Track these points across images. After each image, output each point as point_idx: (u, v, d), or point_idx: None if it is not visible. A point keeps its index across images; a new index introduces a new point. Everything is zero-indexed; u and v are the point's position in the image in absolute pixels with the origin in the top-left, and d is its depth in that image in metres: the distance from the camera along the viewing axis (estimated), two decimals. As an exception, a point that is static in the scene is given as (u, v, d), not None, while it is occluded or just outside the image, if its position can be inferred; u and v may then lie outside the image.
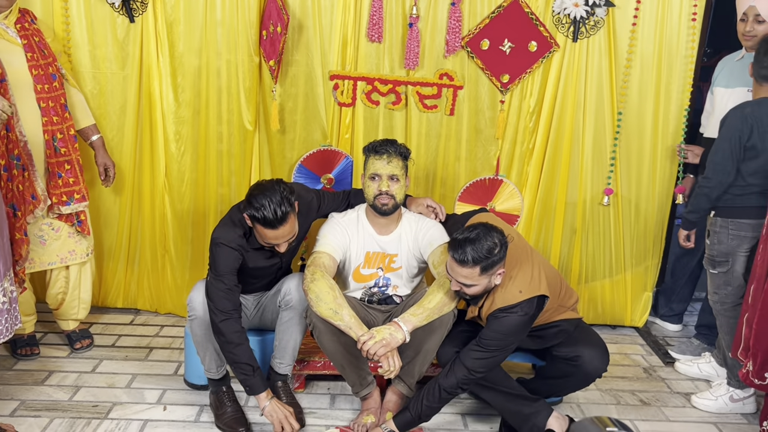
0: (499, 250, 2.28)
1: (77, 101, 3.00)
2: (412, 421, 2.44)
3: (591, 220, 3.48)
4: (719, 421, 2.85)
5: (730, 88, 3.13)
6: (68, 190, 2.86)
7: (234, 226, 2.52)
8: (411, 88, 3.20)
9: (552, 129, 3.32)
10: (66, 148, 2.83)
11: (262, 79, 3.19)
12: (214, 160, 3.26)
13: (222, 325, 2.44)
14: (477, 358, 2.37)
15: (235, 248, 2.48)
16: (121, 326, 3.42)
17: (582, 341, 2.55)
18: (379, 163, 2.61)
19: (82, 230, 2.95)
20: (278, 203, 2.35)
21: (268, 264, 2.64)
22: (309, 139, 3.25)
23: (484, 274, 2.29)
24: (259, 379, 2.49)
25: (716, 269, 2.85)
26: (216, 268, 2.48)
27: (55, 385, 2.82)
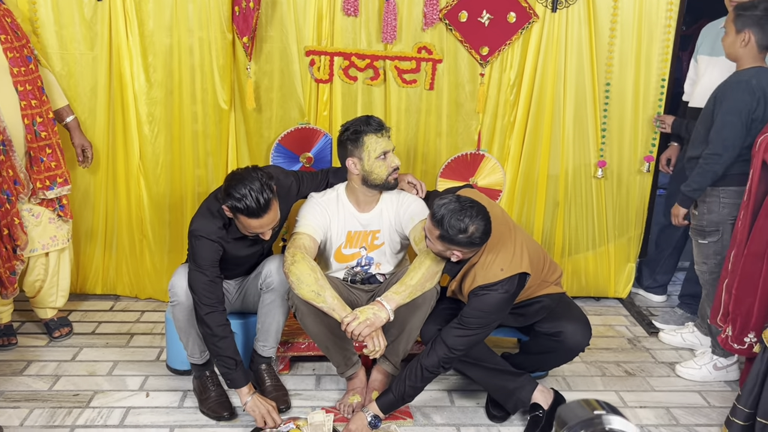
0: (466, 240, 2.24)
1: (50, 82, 2.91)
2: (395, 402, 2.42)
3: (573, 192, 3.46)
4: (703, 389, 2.87)
5: (715, 56, 3.11)
6: (51, 175, 2.80)
7: (213, 217, 2.45)
8: (389, 63, 3.14)
9: (533, 101, 3.28)
10: (46, 132, 2.76)
11: (236, 56, 3.11)
12: (190, 141, 3.19)
13: (207, 318, 2.40)
14: (458, 336, 2.35)
15: (215, 240, 2.43)
16: (101, 313, 3.36)
17: (564, 316, 2.54)
18: (383, 140, 2.55)
19: (64, 214, 2.90)
20: (259, 191, 2.29)
21: (249, 252, 2.60)
22: (286, 117, 3.18)
23: (441, 242, 2.29)
24: (241, 374, 2.46)
25: (706, 239, 2.84)
26: (196, 260, 2.42)
27: (34, 375, 2.77)
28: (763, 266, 2.38)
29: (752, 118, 2.63)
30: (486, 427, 2.56)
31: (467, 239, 2.24)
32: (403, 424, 2.53)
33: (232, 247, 2.50)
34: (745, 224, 2.51)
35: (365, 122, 2.56)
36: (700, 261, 2.91)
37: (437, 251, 2.37)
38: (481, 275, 2.35)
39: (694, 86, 3.24)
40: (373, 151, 2.54)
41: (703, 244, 2.86)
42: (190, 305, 2.46)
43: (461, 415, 2.63)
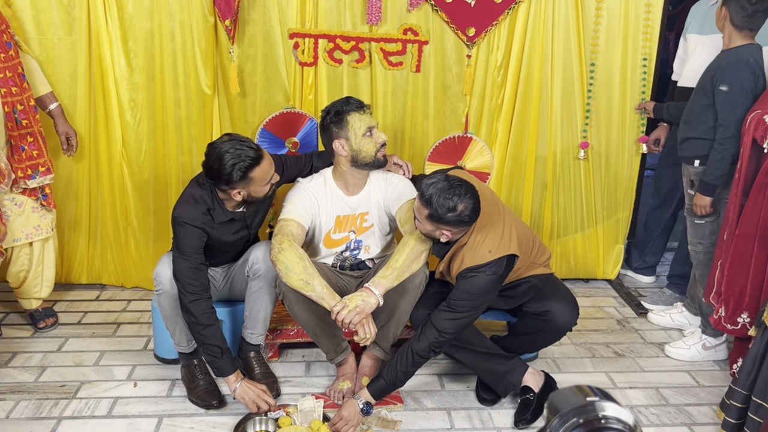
0: (455, 219, 2.23)
1: (32, 68, 2.85)
2: (387, 387, 2.40)
3: (562, 174, 3.44)
4: (692, 369, 2.88)
5: (704, 35, 3.09)
6: (33, 164, 2.74)
7: (196, 203, 2.42)
8: (375, 45, 3.10)
9: (520, 83, 3.25)
10: (28, 120, 2.70)
11: (218, 40, 3.05)
12: (173, 127, 3.14)
13: (191, 306, 2.37)
14: (447, 319, 2.34)
15: (198, 227, 2.40)
16: (87, 302, 3.32)
17: (551, 296, 2.53)
18: (366, 117, 2.53)
19: (47, 204, 2.85)
20: (239, 144, 2.34)
21: (235, 238, 2.57)
22: (271, 101, 3.13)
23: (430, 221, 2.28)
24: (228, 361, 2.43)
25: (703, 219, 2.83)
26: (180, 247, 2.39)
27: (19, 367, 2.73)
28: (754, 247, 2.37)
29: (753, 96, 2.62)
30: (476, 410, 2.56)
31: (456, 218, 2.22)
32: (393, 409, 2.53)
33: (217, 233, 2.46)
34: (736, 204, 2.51)
35: (345, 102, 2.54)
36: (695, 241, 2.90)
37: (426, 231, 2.36)
38: (470, 257, 2.33)
39: (684, 65, 3.22)
40: (358, 129, 2.51)
41: (699, 224, 2.85)
42: (176, 294, 2.43)
43: (451, 399, 2.62)
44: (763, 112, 2.40)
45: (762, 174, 2.36)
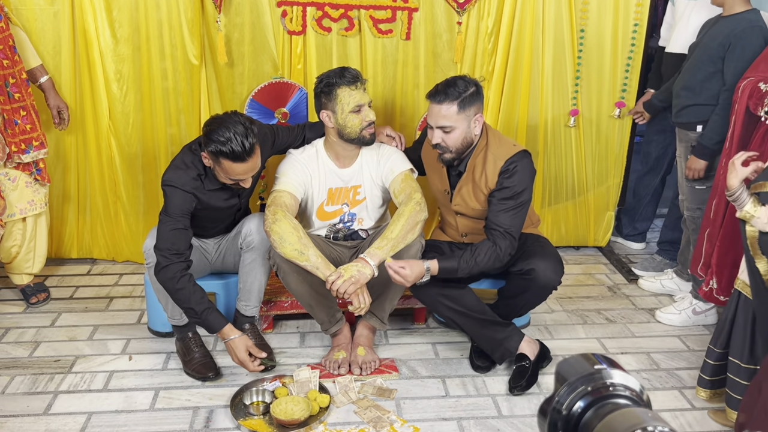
0: (474, 90, 2.39)
1: (21, 40, 2.80)
2: (453, 270, 2.39)
3: (553, 142, 3.44)
4: (683, 333, 2.92)
5: (694, 0, 3.06)
6: (26, 138, 2.71)
7: (186, 168, 2.38)
8: (364, 12, 3.05)
9: (511, 50, 3.23)
10: (20, 93, 2.65)
11: (204, 9, 2.99)
12: (160, 98, 3.09)
13: (162, 273, 2.31)
14: (511, 216, 2.40)
15: (188, 191, 2.35)
16: (78, 277, 3.31)
17: (535, 254, 2.52)
18: (357, 93, 2.48)
19: (42, 179, 2.82)
20: (243, 135, 2.22)
21: (226, 205, 2.53)
22: (259, 71, 3.09)
23: (461, 112, 2.36)
24: (213, 317, 2.36)
25: (704, 185, 2.83)
26: (167, 209, 2.35)
27: (13, 342, 2.72)
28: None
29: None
30: (470, 377, 2.58)
31: (477, 89, 2.40)
32: (389, 377, 2.55)
33: (208, 198, 2.42)
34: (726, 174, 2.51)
35: (339, 74, 2.49)
36: (694, 207, 2.91)
37: (462, 135, 2.41)
38: (496, 152, 2.44)
39: (671, 30, 3.20)
40: (346, 105, 2.48)
41: (701, 189, 2.85)
42: None
43: (446, 367, 2.65)
44: (756, 79, 2.38)
45: (755, 143, 2.36)
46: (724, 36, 2.67)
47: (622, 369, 0.71)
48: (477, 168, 2.48)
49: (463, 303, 2.51)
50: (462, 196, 2.54)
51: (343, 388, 2.46)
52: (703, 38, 2.77)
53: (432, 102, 2.40)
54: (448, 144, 2.42)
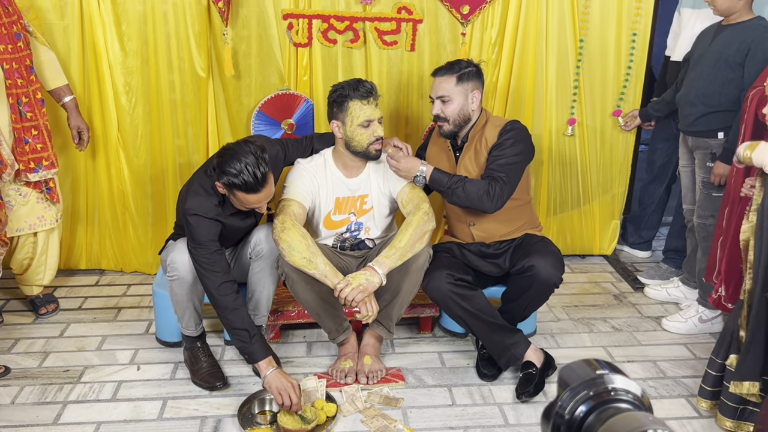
0: (474, 70, 2.59)
1: (47, 60, 2.81)
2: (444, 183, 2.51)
3: (557, 151, 3.46)
4: (689, 341, 2.92)
5: (697, 9, 3.09)
6: (36, 157, 2.72)
7: (207, 194, 2.37)
8: (369, 24, 3.08)
9: (515, 60, 3.25)
10: (32, 113, 2.67)
11: (211, 22, 3.03)
12: (168, 110, 3.13)
13: (220, 289, 2.34)
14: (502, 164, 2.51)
15: (212, 218, 2.36)
16: (87, 288, 3.34)
17: (535, 252, 2.55)
18: (368, 108, 2.50)
19: (51, 198, 2.83)
20: (255, 165, 2.23)
21: (244, 225, 2.57)
22: (266, 83, 3.12)
23: (459, 85, 2.56)
24: (259, 346, 2.37)
25: (721, 192, 2.81)
26: (196, 239, 2.35)
27: (22, 353, 2.75)
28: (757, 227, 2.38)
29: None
30: (477, 386, 2.59)
31: (477, 70, 2.60)
32: (395, 387, 2.56)
33: (229, 222, 2.46)
34: (738, 181, 2.51)
35: (353, 86, 2.51)
36: (708, 214, 2.89)
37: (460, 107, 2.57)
38: (496, 122, 2.63)
39: (677, 39, 3.22)
40: (356, 118, 2.50)
41: (717, 197, 2.82)
42: (191, 280, 2.43)
43: (452, 375, 2.65)
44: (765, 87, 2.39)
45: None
46: (741, 42, 2.68)
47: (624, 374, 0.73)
48: (478, 139, 2.63)
49: (474, 304, 2.53)
50: (466, 167, 2.64)
51: (350, 397, 2.47)
52: (712, 46, 2.78)
53: (435, 76, 2.62)
54: (446, 114, 2.59)
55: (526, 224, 2.72)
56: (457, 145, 2.70)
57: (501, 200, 2.49)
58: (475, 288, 2.58)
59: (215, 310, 2.40)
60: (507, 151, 2.54)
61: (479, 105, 2.64)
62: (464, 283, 2.55)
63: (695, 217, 3.00)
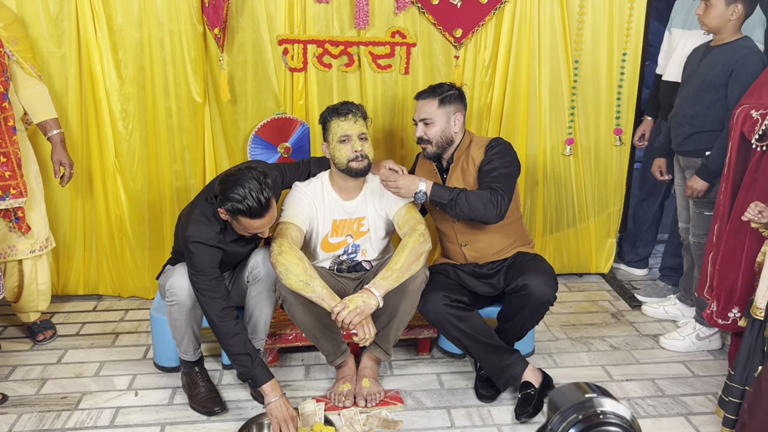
0: (456, 93, 2.64)
1: (35, 93, 2.81)
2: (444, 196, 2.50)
3: (552, 170, 3.48)
4: (687, 359, 2.92)
5: (688, 30, 3.13)
6: (3, 185, 2.67)
7: (209, 222, 2.39)
8: (363, 49, 3.12)
9: (508, 81, 3.29)
10: (2, 140, 2.65)
11: (207, 48, 3.07)
12: (165, 136, 3.15)
13: (221, 314, 2.35)
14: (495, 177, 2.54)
15: (214, 246, 2.38)
16: (84, 313, 3.33)
17: (528, 271, 2.56)
18: (346, 124, 2.54)
19: (19, 227, 2.77)
20: (259, 191, 2.24)
21: (245, 250, 2.59)
22: (262, 107, 3.15)
23: (441, 108, 2.60)
24: (261, 369, 2.38)
25: (712, 210, 2.83)
26: (197, 266, 2.36)
27: (20, 380, 2.74)
28: (745, 241, 2.40)
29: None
30: (476, 407, 2.58)
31: (459, 93, 2.66)
32: (394, 409, 2.55)
33: (230, 249, 2.47)
34: (726, 197, 2.53)
35: (335, 107, 2.59)
36: (702, 233, 2.90)
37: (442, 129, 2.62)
38: (480, 142, 2.68)
39: (668, 59, 3.26)
40: (335, 135, 2.56)
41: (709, 215, 2.83)
42: (190, 305, 2.44)
43: (451, 397, 2.65)
44: (750, 106, 2.43)
45: (751, 169, 2.39)
46: (725, 63, 2.72)
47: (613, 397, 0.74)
48: (463, 159, 2.67)
49: (470, 325, 2.53)
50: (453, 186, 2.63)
51: (349, 421, 2.46)
52: (699, 67, 2.82)
53: (418, 99, 2.68)
54: (429, 136, 2.63)
55: (517, 241, 2.74)
56: (443, 166, 2.74)
57: (503, 209, 2.50)
58: (471, 309, 2.58)
59: (216, 336, 2.40)
60: (497, 164, 2.58)
61: (462, 127, 2.68)
62: (460, 305, 2.56)
63: (690, 235, 3.02)
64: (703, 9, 2.73)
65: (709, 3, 2.70)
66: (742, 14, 2.69)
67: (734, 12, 2.68)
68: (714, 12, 2.70)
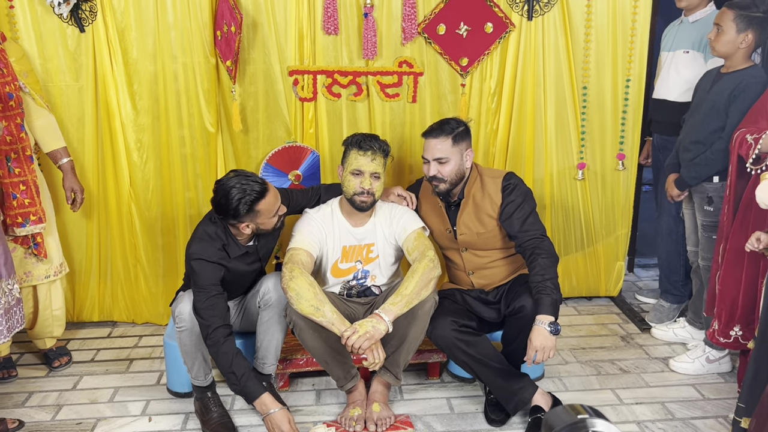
0: (464, 128, 2.66)
1: (46, 123, 2.91)
2: (556, 301, 2.46)
3: (559, 195, 3.52)
4: (697, 382, 2.92)
5: (671, 51, 3.27)
6: (23, 212, 2.77)
7: (211, 239, 2.49)
8: (371, 78, 3.19)
9: (514, 108, 3.34)
10: (21, 169, 2.75)
11: (220, 79, 3.15)
12: (179, 165, 3.23)
13: (208, 332, 2.42)
14: (533, 220, 2.61)
15: (214, 262, 2.46)
16: (99, 340, 3.38)
17: (524, 292, 2.58)
18: (363, 159, 2.60)
19: (38, 253, 2.86)
20: (245, 176, 2.43)
21: (250, 270, 2.65)
22: (273, 136, 3.22)
23: (455, 146, 2.62)
24: (252, 384, 2.44)
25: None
26: (198, 282, 2.45)
27: (36, 406, 2.78)
28: (744, 260, 2.42)
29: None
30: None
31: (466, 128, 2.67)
32: (404, 433, 2.57)
33: (233, 266, 2.54)
34: (728, 218, 2.57)
35: (359, 138, 2.64)
36: (710, 257, 2.90)
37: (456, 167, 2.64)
38: (492, 175, 2.73)
39: (655, 80, 3.37)
40: (349, 165, 2.62)
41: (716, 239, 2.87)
42: (197, 330, 2.49)
43: (461, 421, 2.66)
44: (747, 130, 2.47)
45: (748, 191, 2.43)
46: (730, 91, 2.76)
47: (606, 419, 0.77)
48: (476, 194, 2.70)
49: (479, 350, 2.56)
50: (465, 223, 2.70)
51: (360, 445, 2.48)
52: (708, 94, 2.86)
53: (428, 138, 2.67)
54: (443, 174, 2.63)
55: (522, 266, 2.77)
56: (449, 202, 2.75)
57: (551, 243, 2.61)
58: (479, 334, 2.61)
59: (212, 355, 2.47)
60: (525, 208, 2.64)
61: (471, 162, 2.72)
62: (469, 329, 2.58)
63: (699, 259, 3.04)
64: (714, 34, 2.79)
65: (721, 29, 2.75)
66: (752, 43, 2.73)
67: (744, 40, 2.72)
68: (725, 38, 2.75)
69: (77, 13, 3.02)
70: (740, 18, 2.71)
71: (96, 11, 3.03)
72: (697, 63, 3.17)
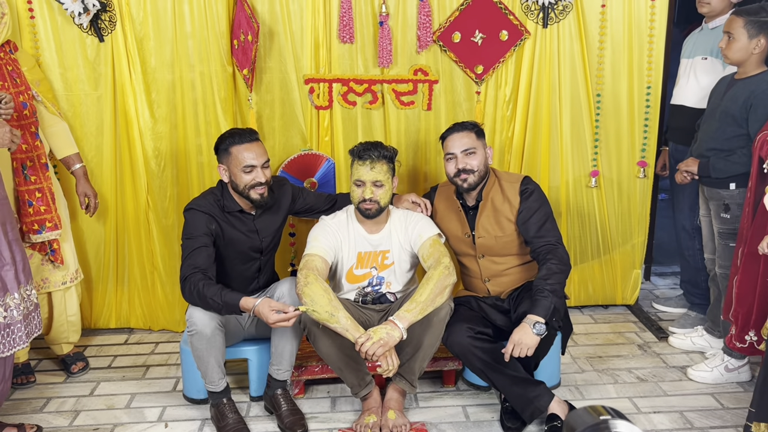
0: (480, 128, 2.74)
1: (59, 130, 2.96)
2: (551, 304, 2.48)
3: (575, 202, 3.51)
4: (716, 391, 2.89)
5: (690, 58, 3.26)
6: (40, 219, 2.81)
7: (205, 195, 2.67)
8: (387, 86, 3.21)
9: (530, 116, 3.35)
10: (36, 176, 2.79)
11: (237, 88, 3.18)
12: (196, 172, 3.25)
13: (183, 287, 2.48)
14: (551, 227, 2.65)
15: (205, 212, 2.59)
16: (116, 346, 3.41)
17: (528, 298, 2.58)
18: (363, 169, 2.62)
19: (54, 259, 2.89)
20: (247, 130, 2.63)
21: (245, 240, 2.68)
22: (289, 144, 3.25)
23: (479, 139, 2.71)
24: (230, 295, 2.43)
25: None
26: (187, 230, 2.57)
27: (54, 412, 2.81)
28: (760, 265, 2.40)
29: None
30: (502, 440, 2.58)
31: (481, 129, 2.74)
32: (420, 441, 2.56)
33: (227, 226, 2.63)
34: (748, 221, 2.55)
35: (360, 148, 2.65)
36: (727, 264, 2.88)
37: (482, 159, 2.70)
38: (510, 179, 2.77)
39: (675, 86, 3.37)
40: (352, 176, 2.67)
41: (733, 247, 2.81)
42: (209, 334, 2.50)
43: (476, 429, 2.65)
44: (768, 132, 2.46)
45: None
46: (745, 98, 2.75)
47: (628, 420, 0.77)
48: (495, 197, 2.74)
49: (495, 357, 2.55)
50: (484, 227, 2.72)
51: (375, 452, 2.47)
52: (723, 101, 2.85)
53: (451, 134, 2.73)
54: (472, 165, 2.68)
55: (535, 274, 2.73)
56: (468, 204, 2.77)
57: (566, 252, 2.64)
58: (494, 341, 2.60)
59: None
60: (541, 213, 2.68)
61: (491, 160, 2.78)
62: (484, 336, 2.58)
63: (716, 267, 3.01)
64: (726, 42, 2.77)
65: (732, 36, 2.74)
66: (765, 48, 2.72)
67: (757, 46, 2.71)
68: (737, 45, 2.74)
69: (97, 23, 3.06)
70: (751, 24, 2.70)
71: (115, 21, 3.07)
72: (715, 69, 3.16)
